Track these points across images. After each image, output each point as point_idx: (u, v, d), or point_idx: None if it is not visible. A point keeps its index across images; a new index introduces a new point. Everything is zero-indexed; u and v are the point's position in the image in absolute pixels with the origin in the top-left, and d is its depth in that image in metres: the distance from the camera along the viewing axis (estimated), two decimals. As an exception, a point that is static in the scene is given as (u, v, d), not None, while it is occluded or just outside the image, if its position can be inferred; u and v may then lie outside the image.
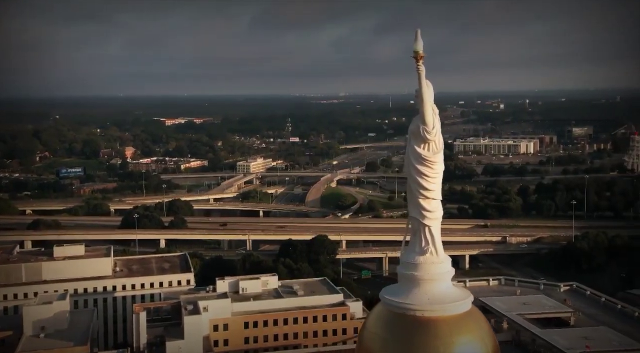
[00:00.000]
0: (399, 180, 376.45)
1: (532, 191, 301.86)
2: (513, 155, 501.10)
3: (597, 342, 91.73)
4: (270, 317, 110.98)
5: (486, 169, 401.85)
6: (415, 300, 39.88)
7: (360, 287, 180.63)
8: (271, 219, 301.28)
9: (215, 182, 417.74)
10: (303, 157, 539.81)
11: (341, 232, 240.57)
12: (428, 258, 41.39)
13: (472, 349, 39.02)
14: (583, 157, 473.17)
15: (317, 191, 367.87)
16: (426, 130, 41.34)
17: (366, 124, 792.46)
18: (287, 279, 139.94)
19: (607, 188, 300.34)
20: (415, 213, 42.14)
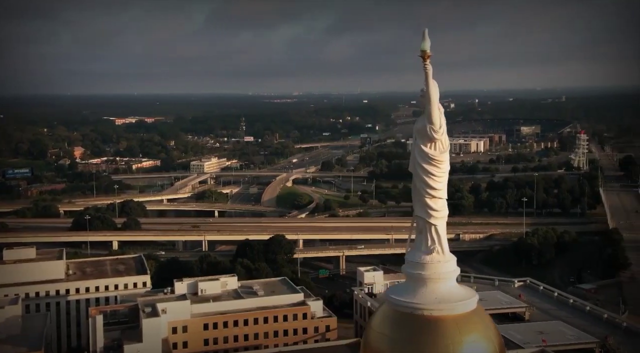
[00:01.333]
0: (355, 179, 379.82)
1: (484, 189, 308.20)
2: (464, 154, 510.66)
3: (552, 336, 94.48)
4: (231, 318, 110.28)
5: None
6: (423, 299, 39.83)
7: (318, 286, 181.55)
8: (227, 219, 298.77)
9: (169, 182, 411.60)
10: (258, 157, 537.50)
11: (298, 231, 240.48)
12: (435, 257, 41.30)
13: (480, 347, 39.38)
14: (531, 155, 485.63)
15: (273, 191, 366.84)
16: (433, 129, 41.21)
17: (320, 123, 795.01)
18: (245, 279, 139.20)
19: (555, 186, 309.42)
20: (421, 212, 41.99)
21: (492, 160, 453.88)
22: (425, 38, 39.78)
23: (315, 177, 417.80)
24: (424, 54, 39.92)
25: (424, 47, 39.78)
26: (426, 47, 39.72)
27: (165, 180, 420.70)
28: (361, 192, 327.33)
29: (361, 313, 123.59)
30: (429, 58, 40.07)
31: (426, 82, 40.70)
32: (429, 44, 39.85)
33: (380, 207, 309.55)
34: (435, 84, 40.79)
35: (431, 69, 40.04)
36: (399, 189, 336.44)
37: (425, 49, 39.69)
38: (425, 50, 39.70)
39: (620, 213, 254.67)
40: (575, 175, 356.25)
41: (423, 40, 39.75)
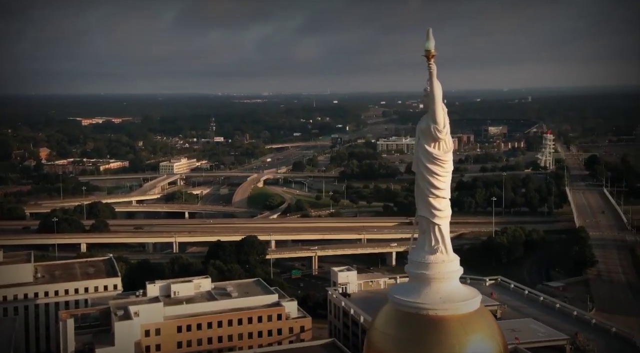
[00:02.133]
0: (326, 180, 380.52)
1: (453, 189, 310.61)
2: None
3: (524, 333, 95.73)
4: (204, 320, 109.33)
5: (408, 167, 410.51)
6: (428, 299, 39.75)
7: (290, 287, 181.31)
8: (198, 220, 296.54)
9: (137, 184, 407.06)
10: (228, 157, 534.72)
11: (270, 232, 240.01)
12: (439, 257, 41.19)
13: (485, 347, 39.52)
14: (499, 155, 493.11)
15: (244, 191, 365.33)
16: (437, 129, 41.06)
17: (291, 124, 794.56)
18: (218, 281, 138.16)
19: (523, 185, 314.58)
20: (425, 212, 41.84)
21: (461, 160, 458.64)
22: (429, 37, 39.62)
23: (286, 177, 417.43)
24: (428, 54, 39.76)
25: (429, 46, 39.60)
26: (430, 46, 39.54)
27: (133, 181, 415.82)
28: (333, 192, 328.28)
29: (335, 313, 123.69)
30: (433, 57, 39.95)
31: (430, 81, 40.58)
32: (433, 44, 39.66)
33: (351, 207, 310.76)
34: (439, 84, 40.80)
35: (435, 68, 39.96)
36: (370, 189, 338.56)
37: (430, 48, 39.53)
38: (429, 49, 39.53)
39: (586, 212, 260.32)
40: (542, 175, 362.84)
41: (427, 40, 39.58)
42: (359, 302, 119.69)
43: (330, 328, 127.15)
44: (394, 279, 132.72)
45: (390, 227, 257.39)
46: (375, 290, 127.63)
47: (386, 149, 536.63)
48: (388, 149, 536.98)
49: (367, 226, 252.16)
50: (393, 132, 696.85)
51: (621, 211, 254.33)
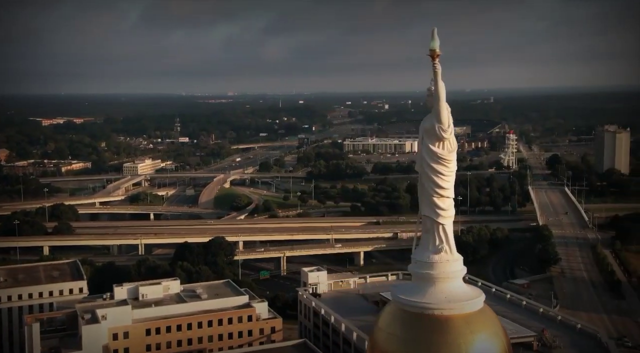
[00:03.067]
0: (293, 180, 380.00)
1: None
2: (399, 154, 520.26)
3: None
4: (174, 323, 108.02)
5: (375, 167, 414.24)
6: (433, 299, 39.56)
7: (259, 288, 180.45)
8: (164, 222, 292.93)
9: (101, 185, 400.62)
10: (194, 158, 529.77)
11: (238, 233, 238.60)
12: (443, 256, 40.97)
13: (490, 345, 39.59)
14: (463, 155, 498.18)
15: (211, 192, 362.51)
16: (442, 128, 40.92)
17: (257, 124, 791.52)
18: (186, 283, 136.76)
19: (487, 185, 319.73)
20: (429, 211, 41.63)
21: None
22: (434, 37, 39.54)
23: (253, 177, 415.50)
24: (433, 53, 39.70)
25: (433, 46, 39.52)
26: (435, 46, 39.45)
27: (96, 182, 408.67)
28: (300, 192, 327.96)
29: (305, 313, 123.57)
30: (438, 57, 39.87)
31: (435, 81, 40.50)
32: (438, 43, 39.55)
33: (319, 207, 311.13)
34: (443, 83, 40.84)
35: (440, 68, 39.93)
36: (337, 189, 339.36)
37: (435, 48, 39.43)
38: (434, 49, 39.45)
39: (549, 211, 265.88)
40: (505, 174, 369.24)
41: (432, 40, 39.49)
42: (329, 302, 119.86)
43: (301, 329, 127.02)
44: (364, 279, 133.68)
45: (358, 227, 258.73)
46: (345, 290, 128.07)
47: (353, 149, 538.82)
48: (354, 149, 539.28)
49: (335, 226, 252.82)
50: (359, 132, 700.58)
51: (582, 209, 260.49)
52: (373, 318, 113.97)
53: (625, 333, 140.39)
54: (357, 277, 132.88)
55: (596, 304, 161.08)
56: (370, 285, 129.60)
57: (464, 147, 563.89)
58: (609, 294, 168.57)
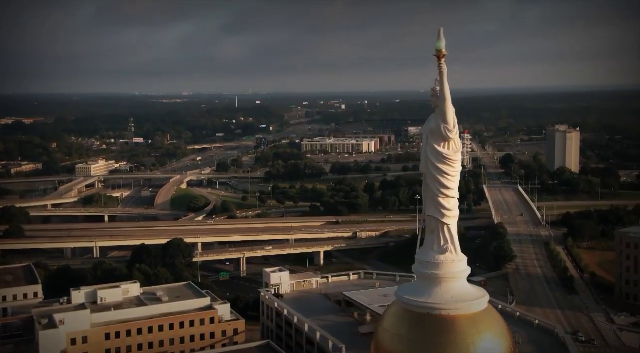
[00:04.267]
0: (252, 180, 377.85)
1: (378, 188, 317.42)
2: (357, 154, 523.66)
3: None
4: (134, 326, 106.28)
5: (334, 167, 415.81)
6: (439, 299, 39.28)
7: (219, 289, 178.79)
8: (119, 224, 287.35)
9: (53, 187, 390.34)
10: (149, 159, 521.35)
11: (196, 234, 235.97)
12: (449, 256, 40.71)
13: (496, 345, 39.61)
14: (419, 154, 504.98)
15: (167, 193, 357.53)
16: (448, 128, 40.64)
17: (213, 124, 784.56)
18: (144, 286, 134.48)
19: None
20: (434, 212, 41.27)
21: (384, 160, 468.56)
22: (440, 38, 39.37)
23: (210, 178, 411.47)
24: (439, 54, 39.55)
25: (439, 46, 39.36)
26: (441, 46, 39.30)
27: (48, 184, 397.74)
28: (259, 193, 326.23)
29: (268, 314, 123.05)
30: (444, 57, 39.71)
31: (441, 81, 40.30)
32: (444, 44, 39.40)
33: (278, 207, 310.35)
34: (447, 84, 40.63)
35: (446, 68, 39.72)
36: (296, 189, 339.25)
37: (441, 48, 39.29)
38: (440, 49, 39.31)
39: (504, 209, 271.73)
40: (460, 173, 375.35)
41: (438, 40, 39.33)
42: (292, 303, 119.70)
43: (263, 330, 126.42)
44: (326, 278, 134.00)
45: (317, 227, 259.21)
46: (308, 290, 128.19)
47: (311, 149, 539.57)
48: (313, 149, 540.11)
49: (295, 226, 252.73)
50: (317, 132, 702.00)
51: (535, 207, 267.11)
52: (336, 317, 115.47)
53: (579, 328, 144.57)
54: (320, 277, 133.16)
55: (550, 300, 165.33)
56: (332, 284, 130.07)
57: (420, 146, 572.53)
58: (562, 290, 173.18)
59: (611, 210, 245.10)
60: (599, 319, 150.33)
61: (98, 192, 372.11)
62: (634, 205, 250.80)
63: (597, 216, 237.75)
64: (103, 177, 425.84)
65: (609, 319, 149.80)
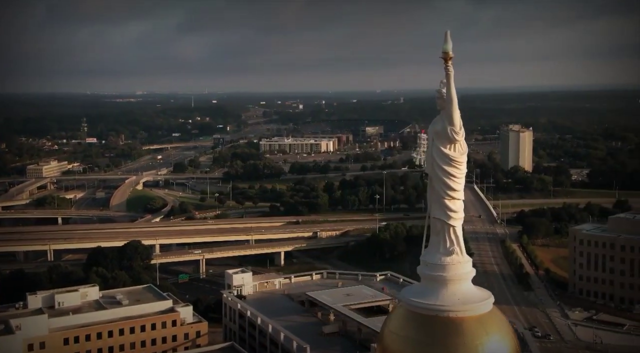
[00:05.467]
0: (210, 181, 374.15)
1: (337, 187, 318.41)
2: (315, 154, 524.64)
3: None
4: (93, 331, 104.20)
5: (293, 167, 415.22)
6: (447, 301, 39.27)
7: (179, 292, 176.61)
8: (73, 226, 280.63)
9: (3, 188, 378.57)
10: (103, 159, 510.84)
11: (154, 236, 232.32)
12: (455, 258, 40.66)
13: (504, 346, 39.77)
14: (377, 154, 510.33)
15: (123, 194, 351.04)
16: (454, 131, 40.64)
17: (169, 124, 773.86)
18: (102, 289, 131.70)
19: (401, 183, 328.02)
20: (440, 213, 41.14)
21: (342, 160, 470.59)
22: (447, 40, 39.52)
23: (167, 179, 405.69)
24: (446, 56, 39.68)
25: (446, 48, 39.44)
26: (448, 48, 39.45)
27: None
28: (217, 193, 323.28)
29: (231, 316, 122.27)
30: (451, 60, 39.87)
31: (447, 84, 40.41)
32: (451, 46, 39.57)
33: (237, 208, 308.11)
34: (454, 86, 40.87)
35: (453, 70, 39.91)
36: (255, 190, 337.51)
37: (448, 50, 39.40)
38: (447, 52, 39.44)
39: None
40: (418, 172, 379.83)
41: (445, 42, 39.42)
42: (255, 304, 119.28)
43: (226, 332, 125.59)
44: (289, 279, 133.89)
45: (277, 227, 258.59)
46: (270, 291, 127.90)
47: (269, 149, 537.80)
48: (271, 149, 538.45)
49: (255, 227, 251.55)
50: (275, 132, 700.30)
51: (491, 206, 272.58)
52: (299, 318, 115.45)
53: (535, 323, 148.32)
54: (282, 278, 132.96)
55: (507, 296, 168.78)
56: (295, 285, 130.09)
57: (377, 146, 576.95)
58: (518, 286, 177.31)
59: (563, 208, 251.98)
60: (554, 314, 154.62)
61: (50, 193, 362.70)
62: (585, 203, 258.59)
63: (551, 213, 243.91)
64: (55, 178, 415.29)
65: (564, 314, 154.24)
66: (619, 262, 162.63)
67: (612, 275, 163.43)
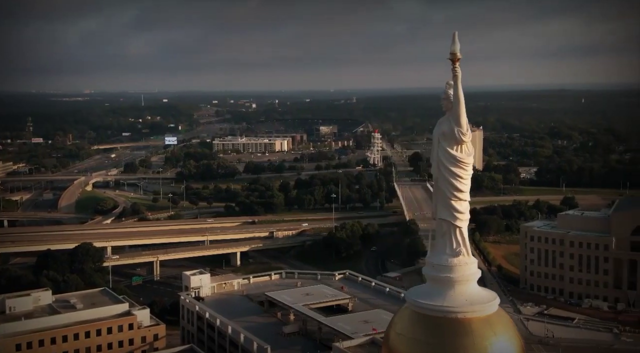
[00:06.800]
0: (163, 181, 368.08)
1: (292, 187, 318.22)
2: (270, 153, 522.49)
3: (376, 324, 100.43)
4: (47, 336, 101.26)
5: (247, 167, 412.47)
6: (454, 302, 39.10)
7: (133, 294, 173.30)
8: (20, 229, 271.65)
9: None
10: (50, 159, 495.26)
11: (107, 238, 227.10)
12: (462, 259, 40.47)
13: (511, 346, 39.78)
14: (331, 153, 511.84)
15: (71, 196, 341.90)
16: (461, 132, 40.48)
17: (119, 123, 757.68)
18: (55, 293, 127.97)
19: (356, 182, 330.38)
20: (446, 215, 40.90)
21: (297, 159, 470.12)
22: (455, 41, 39.43)
23: (118, 179, 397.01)
24: (454, 57, 39.58)
25: (454, 50, 39.34)
26: (456, 50, 39.35)
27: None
28: (171, 194, 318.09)
29: (188, 318, 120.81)
30: (458, 61, 39.78)
31: (455, 85, 40.29)
32: (459, 47, 39.47)
33: (191, 208, 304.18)
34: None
35: (460, 72, 39.82)
36: (209, 190, 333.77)
37: (456, 51, 39.33)
38: (455, 53, 39.36)
39: (414, 206, 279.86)
40: (372, 172, 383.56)
41: (453, 43, 39.31)
42: (213, 305, 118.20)
43: (183, 334, 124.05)
44: (247, 279, 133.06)
45: (233, 227, 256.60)
46: (229, 292, 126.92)
47: (222, 149, 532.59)
48: (224, 149, 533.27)
49: (210, 227, 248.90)
50: (228, 131, 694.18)
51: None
52: (259, 318, 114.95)
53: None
54: (241, 278, 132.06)
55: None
56: (254, 285, 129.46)
57: (331, 145, 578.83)
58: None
59: (513, 205, 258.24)
60: (507, 310, 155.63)
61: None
62: (534, 200, 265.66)
63: (501, 211, 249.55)
64: (0, 180, 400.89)
65: (516, 310, 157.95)
66: (568, 258, 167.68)
67: (562, 271, 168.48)
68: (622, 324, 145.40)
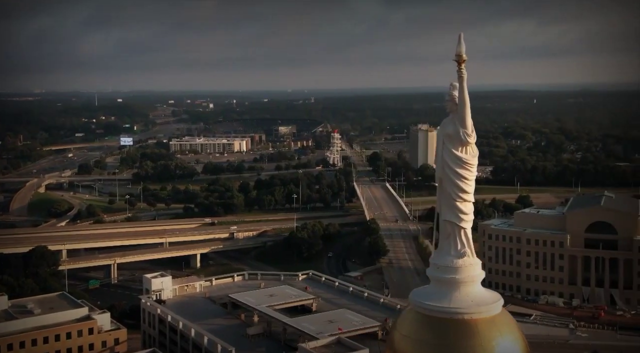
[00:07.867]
0: (119, 182, 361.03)
1: (252, 187, 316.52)
2: (228, 154, 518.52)
3: (341, 323, 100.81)
4: (3, 342, 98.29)
5: (206, 167, 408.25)
6: (460, 303, 38.73)
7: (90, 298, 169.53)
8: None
9: None
10: (0, 161, 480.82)
11: (60, 241, 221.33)
12: (466, 260, 40.17)
13: (516, 346, 39.74)
14: (291, 153, 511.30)
15: (23, 198, 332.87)
16: (467, 133, 40.30)
17: (71, 123, 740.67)
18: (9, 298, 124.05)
19: (316, 182, 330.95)
20: (451, 216, 40.50)
21: (256, 159, 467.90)
22: (460, 42, 39.23)
23: (72, 181, 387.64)
24: (460, 59, 39.37)
25: (460, 51, 39.16)
26: (462, 51, 39.19)
27: None
28: (127, 195, 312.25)
29: (150, 321, 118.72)
30: (464, 62, 39.59)
31: (460, 86, 40.12)
32: (464, 48, 39.30)
33: (149, 210, 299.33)
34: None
35: (466, 73, 39.67)
36: (168, 191, 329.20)
37: (461, 53, 39.16)
38: (460, 54, 39.17)
39: (374, 205, 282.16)
40: (332, 172, 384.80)
41: (458, 45, 39.11)
42: (175, 308, 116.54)
43: (145, 338, 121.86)
44: (210, 281, 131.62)
45: (192, 229, 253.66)
46: (191, 294, 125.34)
47: (180, 149, 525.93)
48: (182, 149, 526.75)
49: (169, 229, 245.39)
50: (185, 131, 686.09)
51: (403, 203, 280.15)
52: (222, 320, 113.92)
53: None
54: (203, 280, 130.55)
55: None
56: (216, 287, 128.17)
57: (291, 145, 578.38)
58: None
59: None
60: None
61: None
62: (490, 199, 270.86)
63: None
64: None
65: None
66: (525, 255, 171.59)
67: (519, 268, 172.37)
68: (577, 320, 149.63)
